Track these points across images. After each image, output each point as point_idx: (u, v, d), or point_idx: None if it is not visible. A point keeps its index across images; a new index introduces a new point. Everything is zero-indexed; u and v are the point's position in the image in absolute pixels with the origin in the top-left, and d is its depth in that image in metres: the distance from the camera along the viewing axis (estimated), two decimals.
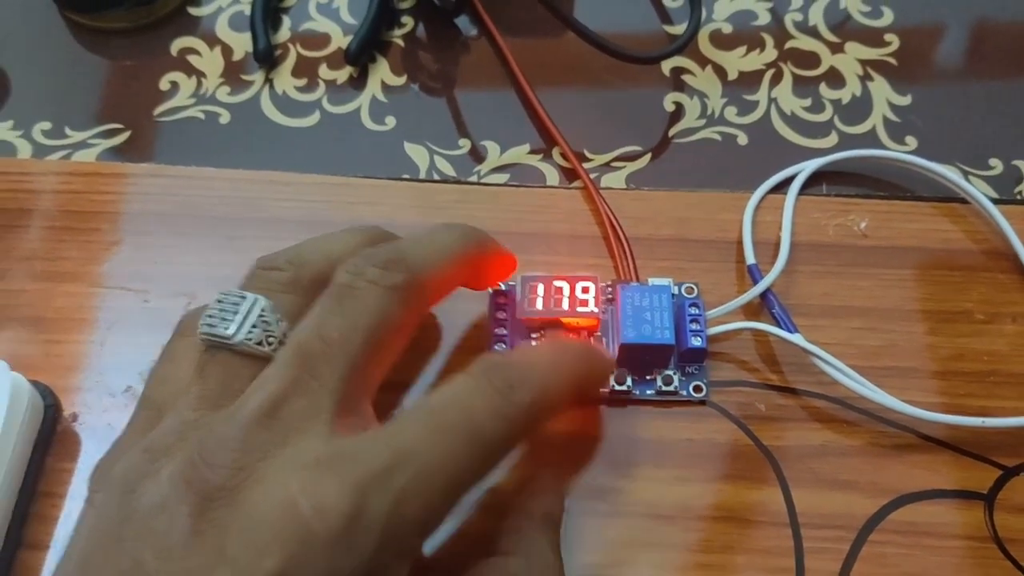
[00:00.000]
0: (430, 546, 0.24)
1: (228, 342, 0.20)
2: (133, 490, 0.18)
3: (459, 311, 0.30)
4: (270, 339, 0.21)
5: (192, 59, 0.37)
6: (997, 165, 0.34)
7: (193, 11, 0.39)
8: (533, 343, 0.29)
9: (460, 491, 0.19)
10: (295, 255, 0.23)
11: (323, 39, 0.38)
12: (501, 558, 0.21)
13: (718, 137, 0.35)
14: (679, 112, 0.36)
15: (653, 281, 0.30)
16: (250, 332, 0.20)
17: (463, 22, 0.39)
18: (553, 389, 0.22)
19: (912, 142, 0.35)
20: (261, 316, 0.21)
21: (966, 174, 0.34)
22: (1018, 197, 0.33)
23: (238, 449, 0.18)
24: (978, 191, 0.32)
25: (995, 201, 0.32)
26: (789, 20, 0.38)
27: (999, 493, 0.27)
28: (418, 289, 0.22)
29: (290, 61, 0.37)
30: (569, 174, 0.34)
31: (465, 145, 0.35)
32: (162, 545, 0.17)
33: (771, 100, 0.36)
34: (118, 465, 0.19)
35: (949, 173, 0.33)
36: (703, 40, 0.38)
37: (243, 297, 0.21)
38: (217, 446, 0.18)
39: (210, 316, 0.21)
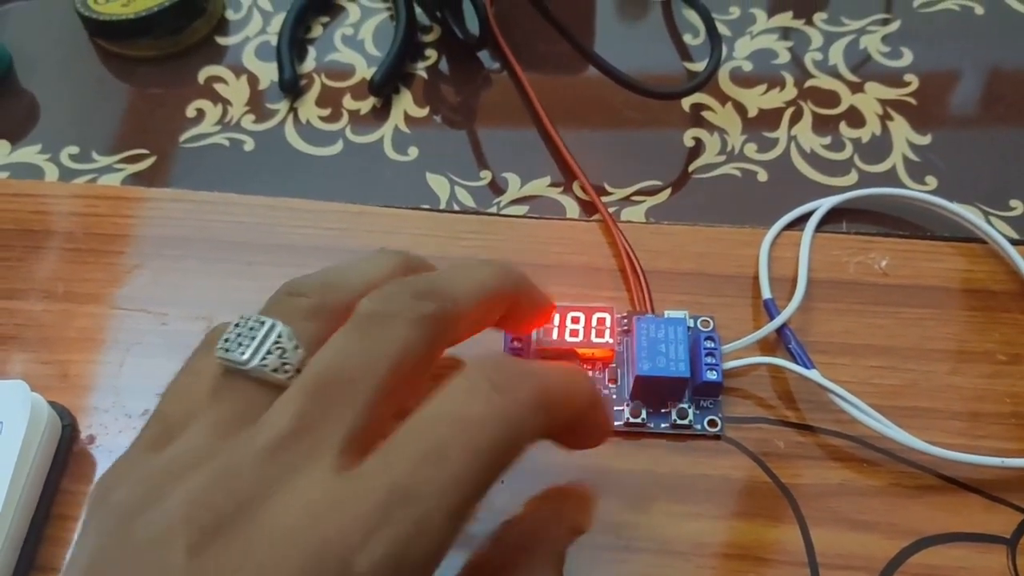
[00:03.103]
0: None
1: (242, 367, 0.20)
2: (133, 519, 0.18)
3: (475, 340, 0.30)
4: (286, 367, 0.20)
5: (218, 87, 0.38)
6: (1018, 206, 0.34)
7: (220, 40, 0.40)
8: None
9: (466, 512, 0.18)
10: (322, 281, 0.22)
11: (348, 70, 0.39)
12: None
13: (738, 173, 0.35)
14: (699, 148, 0.36)
15: (669, 314, 0.30)
16: (264, 359, 0.20)
17: (485, 56, 0.39)
18: (555, 389, 0.20)
19: (932, 182, 0.35)
20: (277, 343, 0.20)
21: (986, 214, 0.34)
22: None
23: (239, 488, 0.17)
24: (998, 232, 0.32)
25: (1015, 242, 0.32)
26: (809, 59, 0.39)
27: (1022, 538, 0.26)
28: (447, 323, 0.21)
29: (315, 91, 0.38)
30: (588, 207, 0.34)
31: (486, 177, 0.35)
32: None
33: (791, 138, 0.36)
34: (120, 489, 0.19)
35: (969, 214, 0.33)
36: (723, 78, 0.38)
37: (261, 323, 0.21)
38: (220, 482, 0.18)
39: (226, 340, 0.20)
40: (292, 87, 0.37)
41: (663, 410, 0.28)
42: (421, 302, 0.21)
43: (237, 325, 0.21)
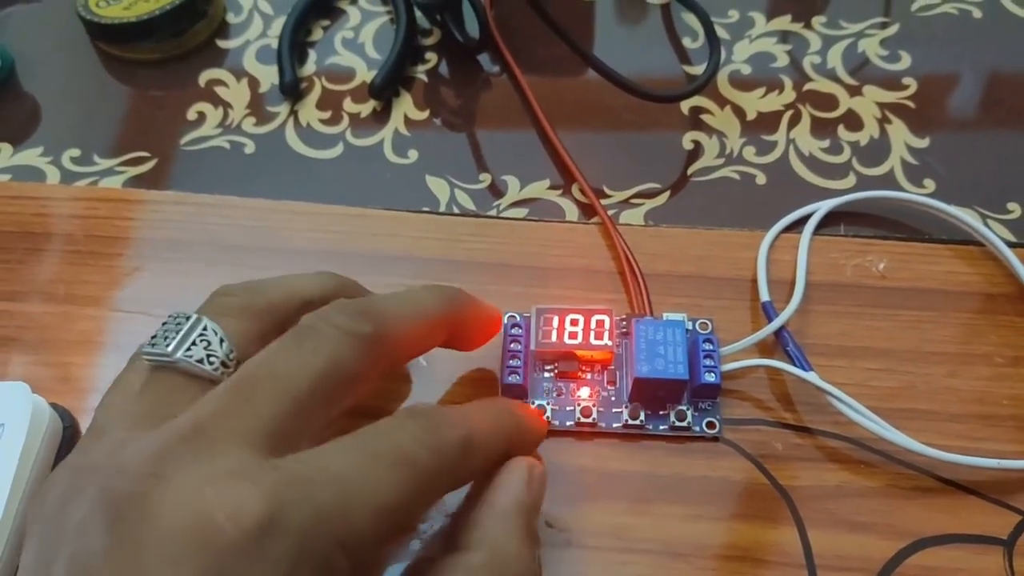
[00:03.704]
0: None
1: (168, 359, 0.20)
2: (63, 511, 0.18)
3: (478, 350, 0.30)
4: (211, 358, 0.20)
5: (219, 90, 0.38)
6: (1016, 209, 0.34)
7: (221, 44, 0.40)
8: (546, 373, 0.29)
9: (393, 520, 0.19)
10: (254, 284, 0.23)
11: (348, 73, 0.39)
12: (460, 554, 0.20)
13: (737, 176, 0.35)
14: (697, 151, 0.36)
15: (668, 316, 0.30)
16: (189, 349, 0.20)
17: (485, 59, 0.40)
18: (483, 434, 0.21)
19: (930, 185, 0.35)
20: (203, 335, 0.20)
21: (984, 217, 0.34)
22: None
23: (151, 457, 0.17)
24: (996, 235, 0.32)
25: (1012, 245, 0.32)
26: (807, 63, 0.39)
27: (1019, 539, 0.26)
28: (383, 343, 0.22)
29: (315, 94, 0.38)
30: (587, 210, 0.34)
31: (485, 179, 0.35)
32: (82, 563, 0.17)
33: (789, 141, 0.36)
34: (51, 493, 0.19)
35: (967, 217, 0.33)
36: (722, 81, 0.38)
37: (187, 317, 0.21)
38: (131, 454, 0.18)
39: (153, 337, 0.21)
40: (292, 90, 0.38)
41: (662, 412, 0.28)
42: (356, 321, 0.21)
43: (165, 323, 0.21)
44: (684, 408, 0.28)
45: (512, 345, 0.29)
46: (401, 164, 0.36)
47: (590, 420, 0.28)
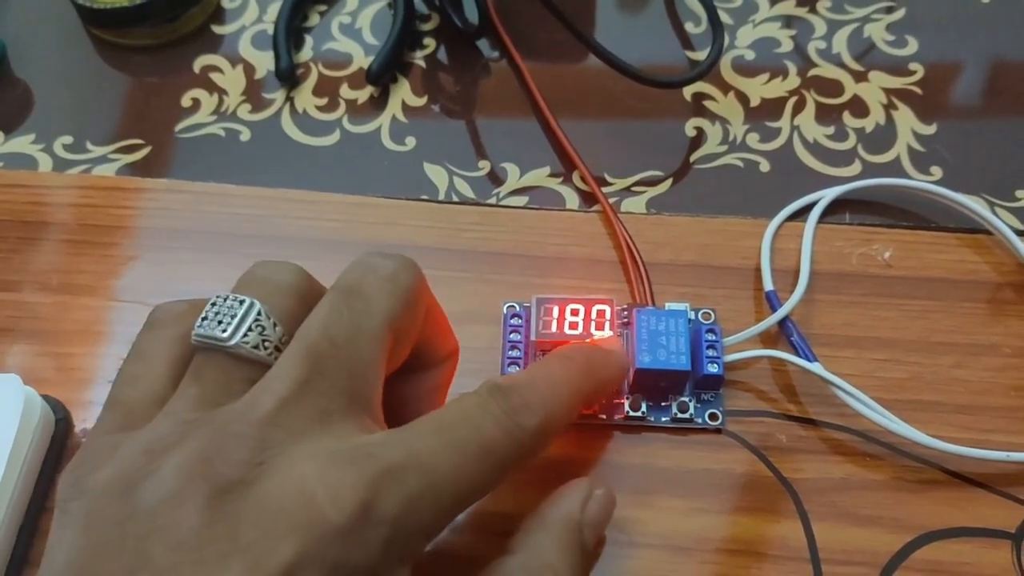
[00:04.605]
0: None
1: (224, 345, 0.20)
2: (132, 490, 0.18)
3: (473, 333, 0.30)
4: (266, 344, 0.20)
5: (214, 76, 0.38)
6: (1023, 197, 0.33)
7: (216, 29, 0.39)
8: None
9: (467, 502, 0.19)
10: (296, 265, 0.23)
11: (345, 59, 0.38)
12: (503, 558, 0.21)
13: (740, 163, 0.35)
14: (700, 138, 0.35)
15: (670, 306, 0.30)
16: (246, 336, 0.20)
17: (484, 45, 0.39)
18: (561, 408, 0.22)
19: (937, 172, 0.34)
20: (257, 320, 0.20)
21: (992, 205, 0.33)
22: None
23: (254, 446, 0.18)
24: (1004, 223, 0.31)
25: (1021, 233, 0.31)
26: (812, 48, 0.38)
27: None
28: (424, 291, 0.22)
29: (311, 80, 0.37)
30: (588, 198, 0.34)
31: (485, 167, 0.35)
32: (173, 538, 0.17)
33: (794, 127, 0.36)
34: (101, 471, 0.18)
35: (974, 204, 0.32)
36: (725, 67, 0.38)
37: (240, 301, 0.21)
38: (232, 442, 0.18)
39: (204, 319, 0.20)
40: (289, 76, 0.37)
41: (664, 403, 0.28)
42: (399, 270, 0.22)
43: (214, 304, 0.21)
44: (686, 399, 0.28)
45: (512, 335, 0.29)
46: (399, 151, 0.35)
47: (591, 412, 0.28)
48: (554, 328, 0.28)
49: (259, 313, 0.20)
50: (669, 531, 0.26)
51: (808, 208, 0.33)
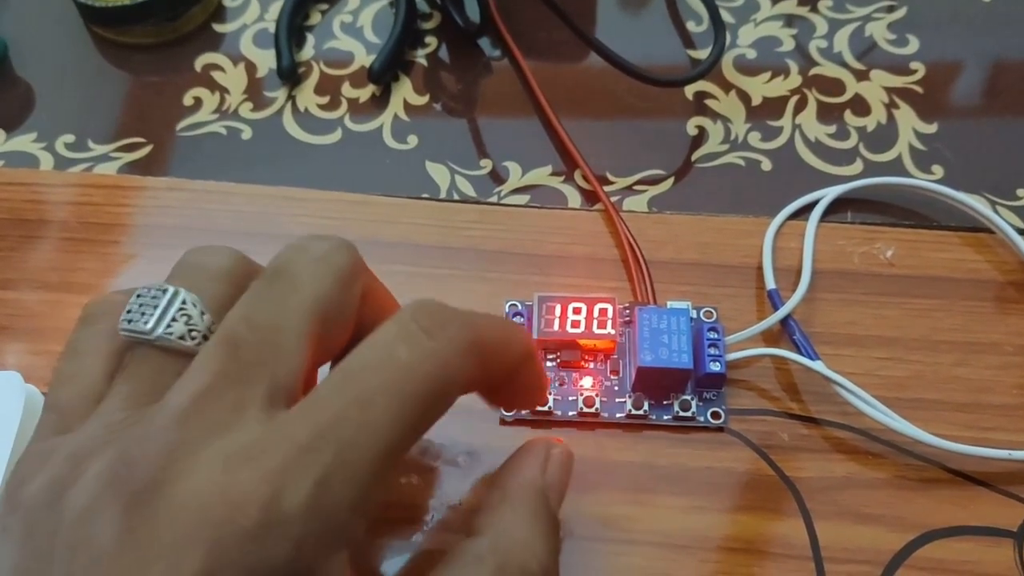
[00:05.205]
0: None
1: (147, 337, 0.19)
2: (60, 500, 0.17)
3: None
4: (193, 333, 0.19)
5: (216, 75, 0.38)
6: None
7: (218, 28, 0.39)
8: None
9: (392, 459, 0.18)
10: (218, 247, 0.21)
11: (347, 57, 0.38)
12: (468, 540, 0.20)
13: (741, 162, 0.35)
14: (702, 136, 0.35)
15: (672, 304, 0.29)
16: (170, 326, 0.19)
17: (486, 43, 0.39)
18: (488, 335, 0.20)
19: (939, 171, 0.34)
20: (182, 309, 0.19)
21: (994, 204, 0.33)
22: None
23: (164, 447, 0.17)
24: (1005, 222, 0.31)
25: (1022, 232, 0.31)
26: (814, 47, 0.38)
27: None
28: (361, 272, 0.21)
29: (313, 79, 0.37)
30: (590, 196, 0.34)
31: (486, 166, 0.35)
32: (94, 549, 0.16)
33: (795, 126, 0.36)
34: (32, 481, 0.18)
35: (976, 203, 0.32)
36: (727, 65, 0.38)
37: (163, 290, 0.20)
38: (143, 443, 0.17)
39: (129, 311, 0.20)
40: (290, 75, 0.37)
41: (665, 402, 0.28)
42: (332, 252, 0.20)
43: (139, 295, 0.20)
44: (688, 398, 0.28)
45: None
46: (401, 150, 0.35)
47: (593, 410, 0.28)
48: (556, 326, 0.28)
49: (184, 302, 0.19)
50: (671, 529, 0.26)
51: (810, 207, 0.33)
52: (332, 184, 0.34)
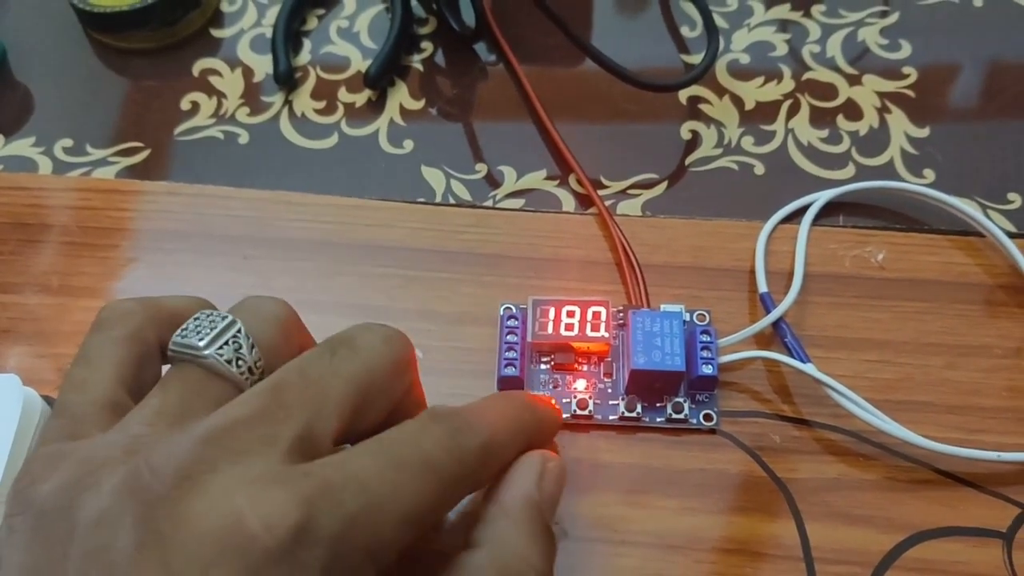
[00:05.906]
0: None
1: (196, 353, 0.20)
2: (73, 505, 0.17)
3: (469, 334, 0.30)
4: (239, 361, 0.20)
5: (213, 80, 0.38)
6: (1016, 200, 0.34)
7: (215, 33, 0.40)
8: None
9: (414, 526, 0.18)
10: (285, 301, 0.23)
11: (343, 62, 0.38)
12: (466, 552, 0.20)
13: (735, 166, 0.35)
14: (696, 141, 0.36)
15: (665, 307, 0.30)
16: (221, 349, 0.20)
17: (481, 48, 0.39)
18: (504, 432, 0.21)
19: (930, 175, 0.34)
20: (235, 337, 0.20)
21: (984, 208, 0.33)
22: None
23: (185, 459, 0.17)
24: (996, 226, 0.32)
25: (1012, 236, 0.32)
26: (807, 52, 0.38)
27: (1018, 532, 0.26)
28: (414, 366, 0.22)
29: (310, 83, 0.38)
30: (584, 200, 0.34)
31: (482, 170, 0.35)
32: (106, 560, 0.16)
33: (788, 131, 0.36)
34: (49, 483, 0.18)
35: (967, 207, 0.32)
36: (720, 70, 0.38)
37: (223, 317, 0.21)
38: (163, 455, 0.17)
39: (184, 329, 0.20)
40: (287, 80, 0.37)
41: (658, 404, 0.28)
42: (390, 334, 0.22)
43: (197, 318, 0.21)
44: (681, 400, 0.28)
45: (508, 337, 0.29)
46: (396, 154, 0.36)
47: (586, 412, 0.28)
48: (550, 329, 0.28)
49: (239, 331, 0.20)
50: (663, 530, 0.26)
51: (802, 211, 0.33)
52: (328, 188, 0.34)
